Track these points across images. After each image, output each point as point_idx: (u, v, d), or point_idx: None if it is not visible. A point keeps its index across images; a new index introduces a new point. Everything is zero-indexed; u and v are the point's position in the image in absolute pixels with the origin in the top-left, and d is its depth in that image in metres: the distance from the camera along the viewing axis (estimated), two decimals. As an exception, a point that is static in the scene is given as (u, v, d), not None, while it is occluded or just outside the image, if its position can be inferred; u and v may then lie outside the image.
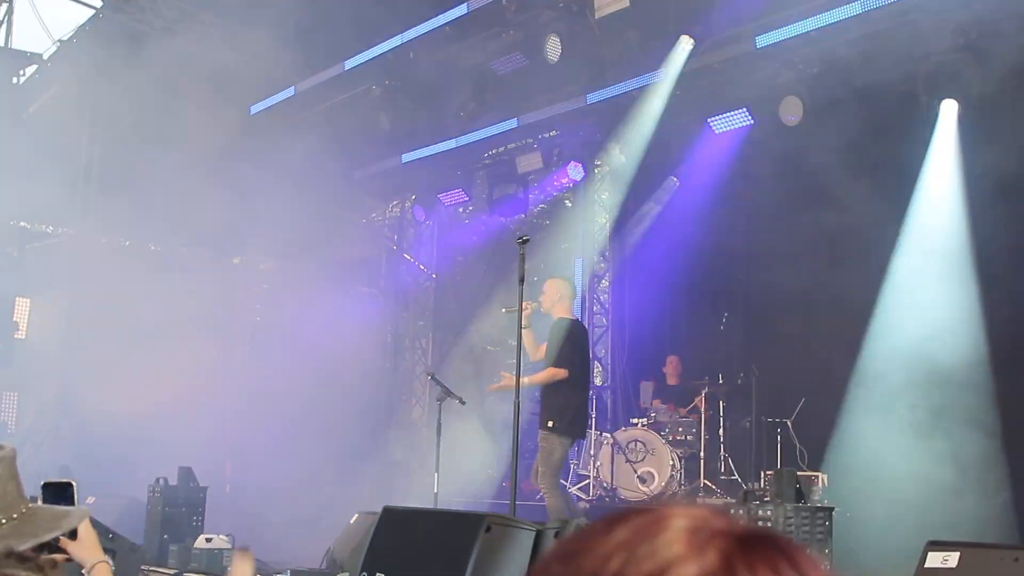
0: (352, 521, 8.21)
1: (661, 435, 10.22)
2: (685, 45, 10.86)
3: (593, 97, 12.28)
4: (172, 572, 8.24)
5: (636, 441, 10.20)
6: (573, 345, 8.55)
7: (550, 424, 8.46)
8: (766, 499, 6.62)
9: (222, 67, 12.35)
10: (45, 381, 13.77)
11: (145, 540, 8.94)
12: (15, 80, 14.28)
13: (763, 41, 10.46)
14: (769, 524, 6.10)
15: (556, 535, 5.28)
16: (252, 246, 13.66)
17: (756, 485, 9.29)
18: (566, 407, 8.51)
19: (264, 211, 13.57)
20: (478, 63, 12.05)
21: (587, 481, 10.54)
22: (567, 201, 15.11)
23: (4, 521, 1.85)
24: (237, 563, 3.19)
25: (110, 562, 3.15)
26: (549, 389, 8.60)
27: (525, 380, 8.44)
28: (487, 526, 5.24)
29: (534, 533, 5.37)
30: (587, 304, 13.33)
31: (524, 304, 9.01)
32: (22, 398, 14.04)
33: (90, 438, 12.25)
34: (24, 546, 1.88)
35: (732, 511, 6.11)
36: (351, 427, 12.78)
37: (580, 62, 11.61)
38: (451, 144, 13.16)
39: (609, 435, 10.46)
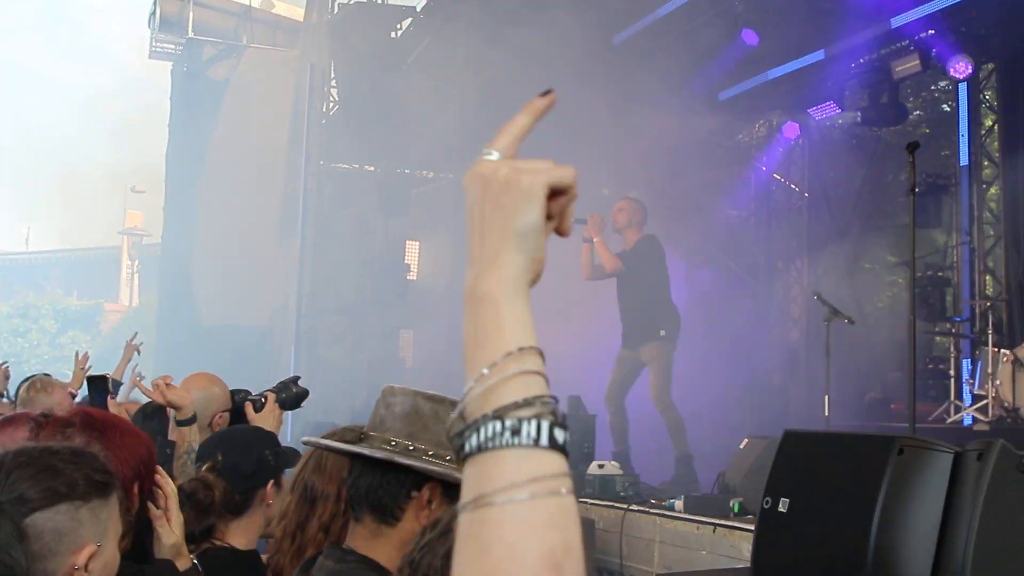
0: (741, 446, 8.09)
1: (1071, 350, 9.36)
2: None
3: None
4: (568, 496, 8.45)
5: (1041, 358, 9.39)
6: (665, 262, 9.03)
7: (662, 333, 8.69)
8: None
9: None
10: (436, 319, 14.67)
11: (541, 466, 9.26)
12: (393, 35, 15.23)
13: None
14: None
15: (979, 458, 4.92)
16: (619, 176, 13.75)
17: None
18: (674, 315, 8.84)
19: (628, 142, 13.63)
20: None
21: (985, 402, 9.83)
22: (946, 105, 14.11)
23: None
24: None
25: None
26: (654, 299, 8.83)
27: (609, 261, 8.86)
28: (899, 448, 4.96)
29: (952, 456, 5.03)
30: (976, 213, 12.35)
31: (591, 216, 8.75)
32: (417, 335, 15.03)
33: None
34: None
35: None
36: (726, 353, 12.64)
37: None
38: (819, 55, 12.58)
39: (1008, 351, 9.67)
